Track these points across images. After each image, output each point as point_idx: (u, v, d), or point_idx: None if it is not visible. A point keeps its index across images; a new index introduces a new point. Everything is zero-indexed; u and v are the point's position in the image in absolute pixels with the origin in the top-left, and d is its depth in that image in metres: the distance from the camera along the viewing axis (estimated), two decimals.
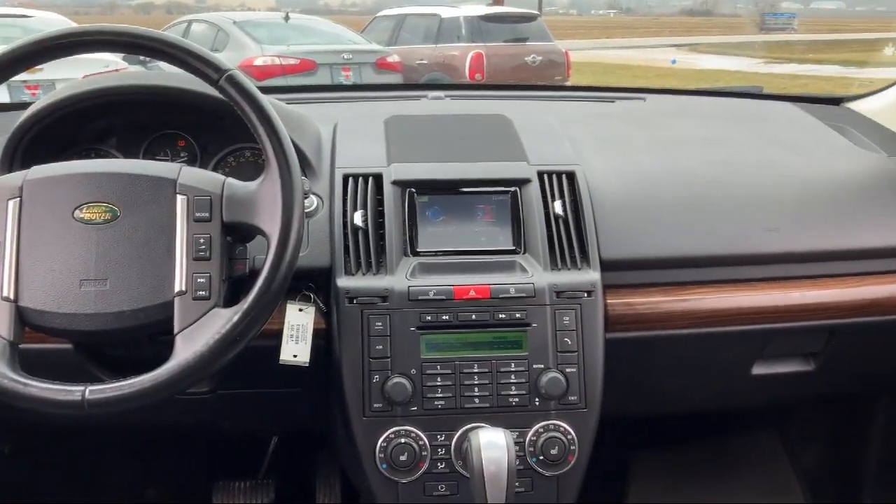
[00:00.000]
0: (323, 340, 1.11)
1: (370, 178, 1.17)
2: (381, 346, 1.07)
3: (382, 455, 1.06)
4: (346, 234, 1.12)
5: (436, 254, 1.15)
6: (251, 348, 0.92)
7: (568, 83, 8.75)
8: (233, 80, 0.92)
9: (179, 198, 0.93)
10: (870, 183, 1.31)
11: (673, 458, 1.78)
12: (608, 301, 1.16)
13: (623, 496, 1.71)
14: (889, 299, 1.25)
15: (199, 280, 0.92)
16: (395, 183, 1.16)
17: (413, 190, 1.16)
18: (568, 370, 1.09)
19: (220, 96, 0.93)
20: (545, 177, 1.20)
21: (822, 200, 1.27)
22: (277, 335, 1.08)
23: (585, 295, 1.11)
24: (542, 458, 1.08)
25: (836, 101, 1.64)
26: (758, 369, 1.29)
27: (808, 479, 1.72)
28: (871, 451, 1.60)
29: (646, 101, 1.63)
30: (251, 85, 0.93)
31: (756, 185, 1.28)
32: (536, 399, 1.09)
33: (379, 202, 1.16)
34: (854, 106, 1.59)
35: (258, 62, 7.54)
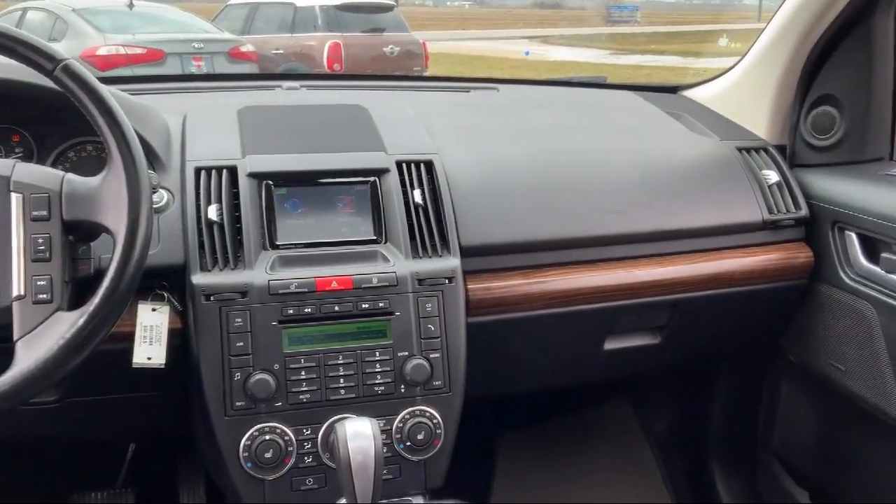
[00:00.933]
0: (180, 340, 1.07)
1: (224, 171, 1.14)
2: (241, 343, 1.04)
3: (247, 454, 1.04)
4: (200, 230, 1.09)
5: (296, 246, 1.13)
6: (101, 352, 0.87)
7: (426, 74, 8.83)
8: (69, 70, 0.86)
9: (14, 196, 0.87)
10: (705, 166, 1.41)
11: (536, 434, 1.85)
12: (469, 286, 1.19)
13: (490, 475, 1.76)
14: (726, 273, 1.35)
15: (39, 283, 0.86)
16: (250, 175, 1.14)
17: (270, 182, 1.14)
18: (432, 356, 1.11)
19: (57, 88, 0.88)
20: (404, 166, 1.21)
21: (663, 183, 1.35)
22: (129, 337, 1.03)
23: (446, 281, 1.14)
24: (409, 443, 1.10)
25: (672, 90, 1.74)
26: (609, 344, 1.36)
27: (660, 444, 1.84)
28: (714, 415, 1.73)
29: (499, 91, 1.67)
30: (89, 75, 0.88)
31: (602, 170, 1.34)
32: (402, 386, 1.10)
33: (234, 195, 1.13)
34: (689, 94, 1.70)
35: (101, 52, 7.13)
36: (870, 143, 1.41)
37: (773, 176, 1.40)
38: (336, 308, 1.08)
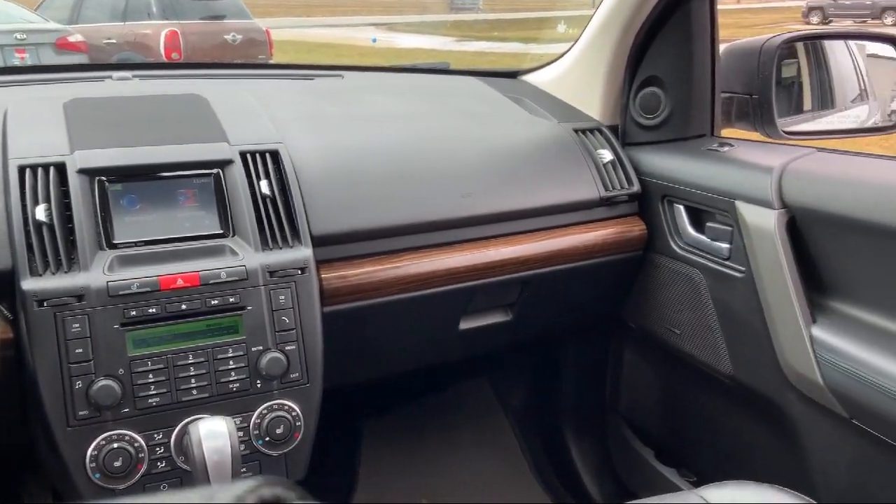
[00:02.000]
0: (12, 351, 1.00)
1: (51, 168, 1.07)
2: (80, 350, 0.99)
3: (94, 464, 0.99)
4: (27, 232, 1.02)
5: (136, 244, 1.08)
6: None
7: (271, 62, 8.62)
8: None
9: None
10: (545, 147, 1.46)
11: (398, 418, 1.87)
12: (323, 276, 1.18)
13: (354, 461, 1.77)
14: (569, 249, 1.41)
15: None
16: (81, 172, 1.07)
17: (103, 178, 1.08)
18: (288, 348, 1.10)
19: None
20: (248, 156, 1.18)
21: (507, 166, 1.40)
22: None
23: (299, 272, 1.12)
24: (268, 439, 1.08)
25: (512, 75, 1.79)
26: (465, 324, 1.40)
27: (516, 417, 1.91)
28: (565, 384, 1.82)
29: (344, 79, 1.67)
30: None
31: (449, 155, 1.37)
32: (258, 381, 1.08)
33: (64, 194, 1.06)
34: (528, 78, 1.76)
35: None
36: (692, 120, 1.51)
37: (607, 155, 1.47)
38: (183, 306, 1.04)
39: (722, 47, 1.51)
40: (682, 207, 1.42)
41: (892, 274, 1.09)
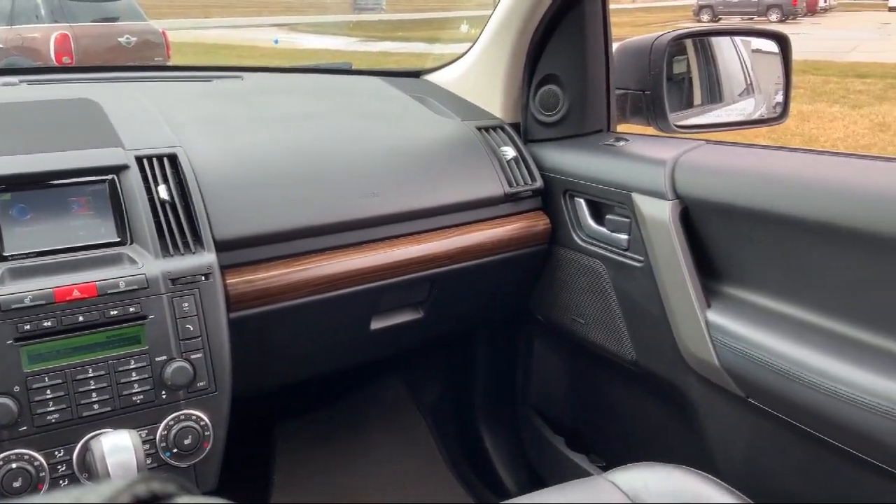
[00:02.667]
0: None
1: None
2: None
3: None
4: None
5: (27, 256, 1.04)
6: None
7: (168, 64, 8.37)
8: None
9: None
10: (450, 146, 1.48)
11: (312, 421, 1.86)
12: (228, 281, 1.16)
13: (269, 467, 1.74)
14: (476, 245, 1.43)
15: None
16: None
17: None
18: (193, 357, 1.07)
19: None
20: (145, 161, 1.15)
21: (413, 165, 1.41)
22: None
23: (203, 278, 1.10)
24: (176, 450, 1.05)
25: (415, 74, 1.81)
26: (376, 324, 1.40)
27: (431, 414, 1.92)
28: (478, 378, 1.84)
29: (243, 80, 1.64)
30: None
31: (354, 155, 1.37)
32: (163, 392, 1.05)
33: None
34: (431, 78, 1.77)
35: None
36: (589, 117, 1.56)
37: (510, 152, 1.50)
38: (80, 318, 1.01)
39: (615, 45, 1.56)
40: (582, 201, 1.46)
41: (776, 258, 1.15)
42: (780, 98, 1.59)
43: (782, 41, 1.54)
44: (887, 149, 7.11)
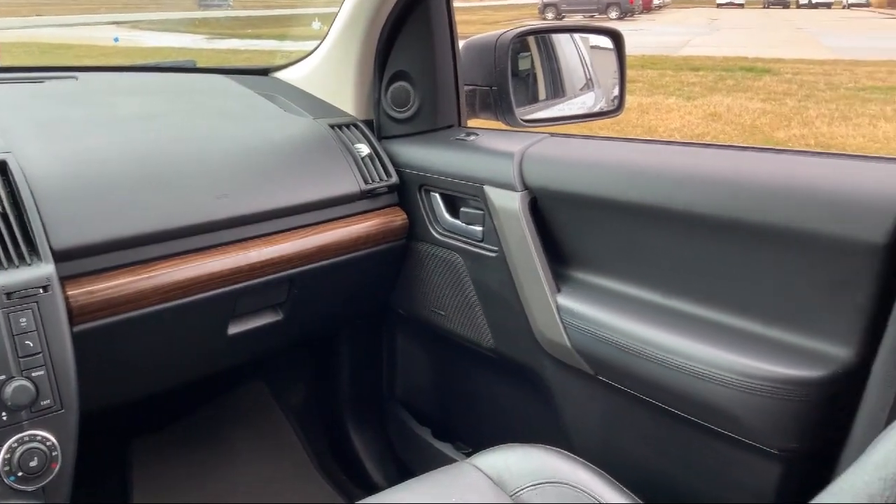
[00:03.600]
0: None
1: None
2: None
3: None
4: None
5: None
6: None
7: None
8: None
9: None
10: (303, 144, 1.46)
11: (171, 434, 1.79)
12: (69, 293, 1.09)
13: (126, 485, 1.67)
14: (334, 243, 1.42)
15: None
16: None
17: None
18: (35, 374, 1.01)
19: None
20: None
21: (264, 164, 1.38)
22: None
23: (41, 291, 1.03)
24: (21, 474, 0.99)
25: (264, 72, 1.77)
26: (233, 329, 1.36)
27: (297, 416, 1.90)
28: (343, 377, 1.84)
29: (78, 80, 1.55)
30: None
31: (201, 156, 1.33)
32: (3, 413, 0.99)
33: None
34: (280, 75, 1.75)
35: None
36: (440, 112, 1.59)
37: (364, 149, 1.51)
38: None
39: (462, 43, 1.60)
40: (437, 195, 1.49)
41: (617, 242, 1.22)
42: (617, 92, 1.68)
43: (616, 38, 1.63)
44: (719, 136, 7.67)
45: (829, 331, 0.97)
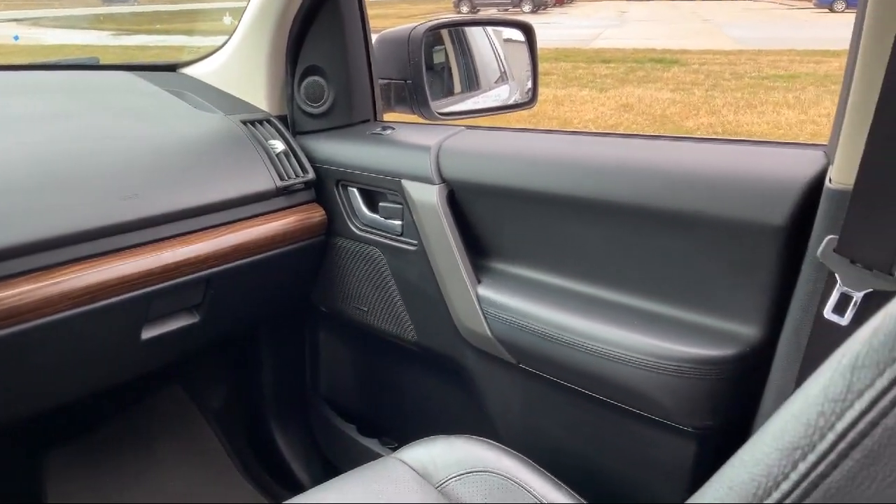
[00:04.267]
0: None
1: None
2: None
3: None
4: None
5: None
6: None
7: None
8: None
9: None
10: (214, 141, 1.43)
11: (90, 443, 1.73)
12: None
13: (41, 497, 1.60)
14: (251, 241, 1.40)
15: None
16: None
17: None
18: None
19: None
20: None
21: (174, 163, 1.34)
22: None
23: None
24: None
25: (171, 68, 1.72)
26: (147, 333, 1.32)
27: (218, 419, 1.86)
28: (266, 376, 1.81)
29: None
30: None
31: (107, 156, 1.28)
32: None
33: None
34: (188, 71, 1.70)
35: None
36: (356, 107, 1.58)
37: (279, 145, 1.48)
38: None
39: (374, 37, 1.59)
40: (355, 190, 1.48)
41: (533, 231, 1.24)
42: (530, 84, 1.71)
43: (527, 30, 1.66)
44: (631, 127, 7.87)
45: (737, 311, 1.01)
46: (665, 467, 1.11)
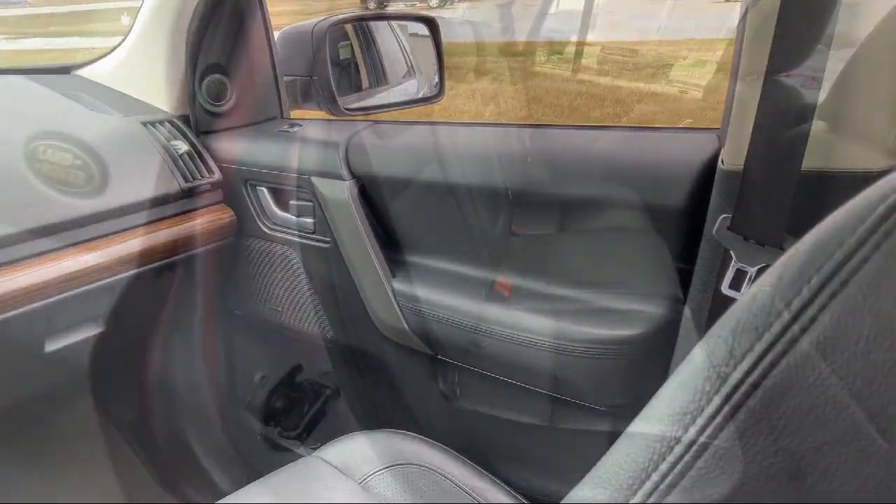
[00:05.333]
0: None
1: None
2: None
3: None
4: None
5: None
6: None
7: None
8: None
9: None
10: (113, 144, 1.38)
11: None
12: None
13: None
14: (157, 246, 1.36)
15: None
16: None
17: None
18: None
19: None
20: None
21: (72, 167, 1.29)
22: None
23: None
24: None
25: (66, 70, 1.65)
26: (51, 345, 1.27)
27: (132, 431, 1.80)
28: (179, 387, 1.76)
29: None
30: None
31: None
32: None
33: None
34: (83, 73, 1.64)
35: None
36: (261, 104, 1.55)
37: (182, 146, 1.44)
38: None
39: (277, 33, 1.56)
40: (265, 189, 1.46)
41: (441, 223, 1.25)
42: (437, 78, 1.71)
43: (432, 24, 1.66)
44: (541, 118, 7.99)
45: (643, 292, 1.05)
46: (583, 448, 1.14)
